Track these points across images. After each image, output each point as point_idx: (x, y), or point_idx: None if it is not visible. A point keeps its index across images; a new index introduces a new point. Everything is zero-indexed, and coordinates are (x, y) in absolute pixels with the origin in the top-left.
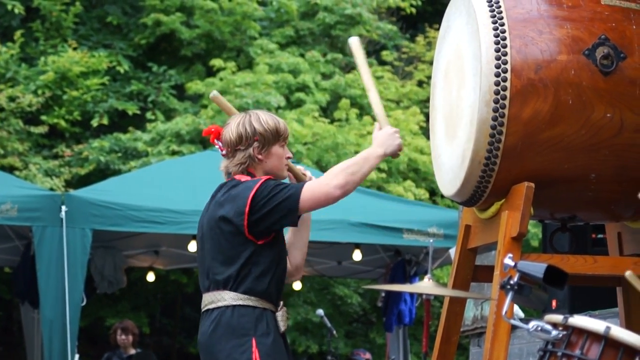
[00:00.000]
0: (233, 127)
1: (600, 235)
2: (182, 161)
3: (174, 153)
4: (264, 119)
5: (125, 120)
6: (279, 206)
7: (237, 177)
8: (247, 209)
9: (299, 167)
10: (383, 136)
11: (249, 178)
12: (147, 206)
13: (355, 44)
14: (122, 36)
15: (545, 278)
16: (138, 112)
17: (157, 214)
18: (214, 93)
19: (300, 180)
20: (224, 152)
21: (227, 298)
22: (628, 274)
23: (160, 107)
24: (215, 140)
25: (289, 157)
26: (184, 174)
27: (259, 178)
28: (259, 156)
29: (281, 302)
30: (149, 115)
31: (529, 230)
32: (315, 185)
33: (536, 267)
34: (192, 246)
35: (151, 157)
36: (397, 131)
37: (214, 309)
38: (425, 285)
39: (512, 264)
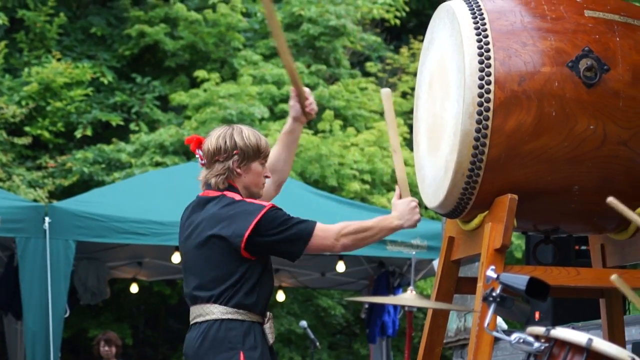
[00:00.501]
0: (213, 139)
1: (583, 247)
2: (165, 172)
3: (157, 164)
4: (246, 134)
5: (109, 131)
6: (286, 243)
7: (229, 194)
8: (247, 232)
9: (305, 89)
10: (404, 209)
11: (241, 197)
12: (130, 217)
13: (386, 96)
14: (106, 47)
15: (527, 290)
16: (122, 123)
17: (141, 225)
18: None
19: (302, 100)
20: (203, 161)
21: (215, 312)
22: (614, 277)
23: (144, 119)
24: (197, 150)
25: (267, 177)
26: (168, 185)
27: (262, 204)
28: (238, 170)
29: (269, 314)
30: (132, 126)
31: (513, 241)
32: (325, 235)
33: (519, 279)
34: (176, 257)
35: (135, 168)
36: (417, 205)
37: (202, 322)
38: (407, 297)
39: (495, 276)
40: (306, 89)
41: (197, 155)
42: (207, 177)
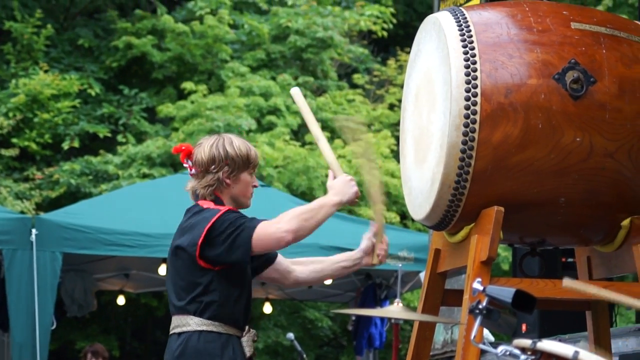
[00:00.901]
0: (206, 149)
1: (570, 260)
2: (152, 184)
3: (144, 176)
4: (236, 144)
5: (96, 143)
6: (232, 243)
7: (201, 202)
8: (200, 240)
9: (385, 237)
10: (339, 184)
11: (211, 205)
12: (117, 229)
13: (297, 94)
14: (93, 59)
15: (513, 303)
16: (109, 135)
17: (128, 237)
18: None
19: (378, 239)
20: (193, 171)
21: (191, 323)
22: (565, 280)
23: (131, 130)
24: (185, 159)
25: (254, 186)
26: (155, 197)
27: (218, 209)
28: (227, 180)
29: (247, 327)
30: (120, 138)
31: (499, 253)
32: (268, 228)
33: (505, 292)
34: (163, 270)
35: (122, 180)
36: (352, 179)
37: (180, 333)
38: (394, 310)
39: (481, 288)
40: (385, 237)
41: (185, 165)
42: (195, 188)
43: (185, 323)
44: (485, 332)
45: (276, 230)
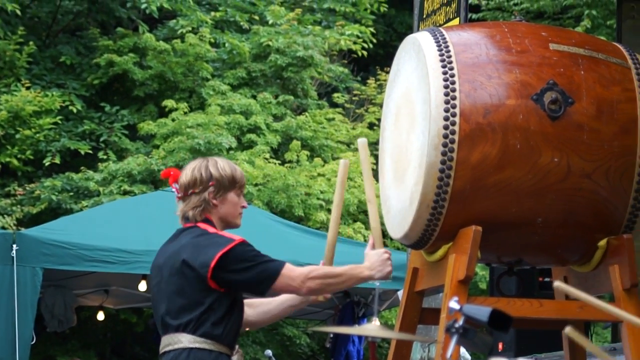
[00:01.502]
0: (189, 171)
1: (547, 279)
2: (133, 201)
3: (125, 193)
4: (220, 165)
5: (78, 159)
6: (252, 281)
7: (202, 225)
8: (213, 263)
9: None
10: (376, 260)
11: (215, 230)
12: (98, 245)
13: (362, 146)
14: (75, 76)
15: (490, 322)
16: (90, 151)
17: (108, 253)
18: None
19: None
20: (179, 194)
21: (184, 340)
22: (568, 329)
23: (112, 147)
24: (173, 184)
25: (243, 207)
26: (135, 213)
27: (232, 238)
28: (214, 201)
29: (237, 346)
30: (101, 154)
31: (477, 272)
32: (293, 276)
33: (481, 311)
34: (142, 286)
35: (103, 196)
36: (390, 256)
37: (170, 350)
38: (371, 328)
39: (458, 307)
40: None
41: (173, 190)
42: (184, 210)
43: (177, 340)
44: (462, 350)
45: (300, 280)
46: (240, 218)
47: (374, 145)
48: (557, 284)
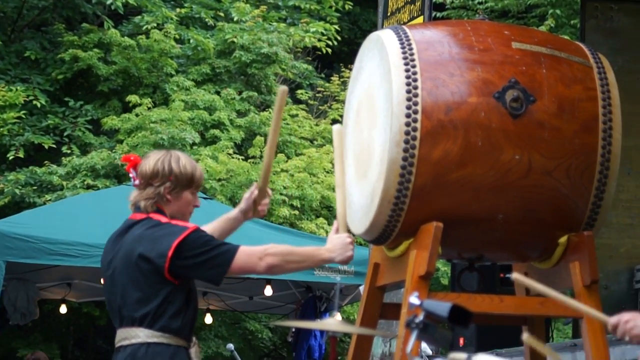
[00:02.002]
0: (151, 162)
1: (508, 275)
2: (96, 195)
3: (88, 187)
4: (182, 163)
5: (41, 153)
6: (209, 264)
7: (155, 216)
8: (170, 253)
9: (268, 191)
10: (338, 243)
11: (167, 220)
12: (61, 239)
13: (337, 132)
14: (39, 71)
15: (450, 317)
16: (54, 146)
17: (71, 247)
18: None
19: (259, 200)
20: (136, 182)
21: (141, 335)
22: (525, 337)
23: (76, 142)
24: (131, 169)
25: (195, 206)
26: (99, 208)
27: (186, 226)
28: (168, 196)
29: (194, 338)
30: (64, 149)
31: (439, 268)
32: (249, 254)
33: (441, 306)
34: None
35: (66, 190)
36: (353, 241)
37: (127, 345)
38: (332, 323)
39: (418, 302)
40: (269, 190)
41: (130, 175)
42: (137, 199)
43: (134, 335)
44: (423, 345)
45: (257, 260)
46: (190, 216)
47: None
48: (515, 275)
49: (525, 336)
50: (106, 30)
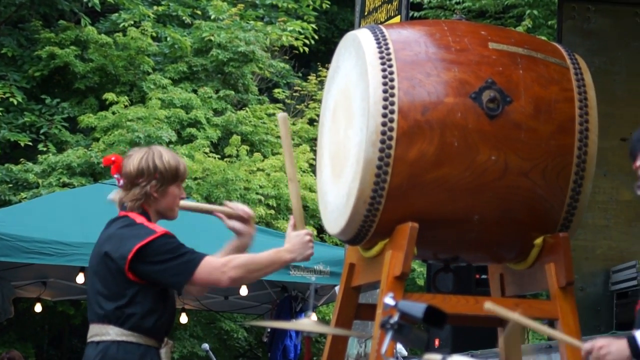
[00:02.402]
0: (135, 161)
1: (483, 276)
2: (72, 193)
3: (64, 185)
4: (166, 158)
5: (17, 151)
6: (171, 269)
7: (132, 215)
8: (130, 256)
9: (233, 205)
10: (297, 242)
11: (143, 220)
12: (36, 237)
13: (283, 120)
14: (16, 68)
15: (425, 318)
16: (30, 143)
17: (46, 245)
18: None
19: (235, 216)
20: (121, 183)
21: (111, 333)
22: (487, 305)
23: (52, 139)
24: (116, 173)
25: (182, 198)
26: (74, 206)
27: (154, 230)
28: (155, 194)
29: (166, 339)
30: (40, 147)
31: (415, 269)
32: (213, 267)
33: (416, 307)
34: (80, 278)
35: (42, 188)
36: (311, 237)
37: (99, 342)
38: (306, 323)
39: (393, 303)
40: (234, 205)
41: (115, 177)
42: (123, 200)
43: (105, 332)
44: (399, 346)
45: (220, 274)
46: (177, 210)
47: (314, 141)
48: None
49: (488, 304)
50: (83, 28)
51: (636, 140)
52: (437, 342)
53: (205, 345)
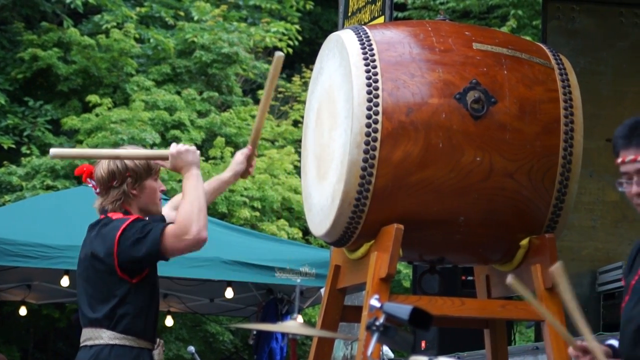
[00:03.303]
0: (105, 165)
1: (470, 278)
2: (56, 196)
3: (48, 188)
4: None
5: (0, 154)
6: (142, 239)
7: (111, 214)
8: (115, 249)
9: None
10: (183, 158)
11: (121, 216)
12: (20, 240)
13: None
14: None
15: (410, 320)
16: (13, 146)
17: (30, 248)
18: None
19: (250, 161)
20: (97, 190)
21: (104, 337)
22: (509, 279)
23: (35, 142)
24: (88, 179)
25: (162, 191)
26: (58, 209)
27: (127, 217)
28: (133, 191)
29: (158, 340)
30: (24, 149)
31: (401, 271)
32: (180, 229)
33: (402, 309)
34: (65, 281)
35: (25, 191)
36: (188, 148)
37: (91, 345)
38: (292, 325)
39: (379, 305)
40: (256, 151)
41: (89, 185)
42: (103, 205)
43: (98, 336)
44: (385, 348)
45: (195, 233)
46: (161, 203)
47: (298, 143)
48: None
49: (510, 278)
50: (66, 30)
51: (617, 136)
52: (423, 344)
53: (191, 348)
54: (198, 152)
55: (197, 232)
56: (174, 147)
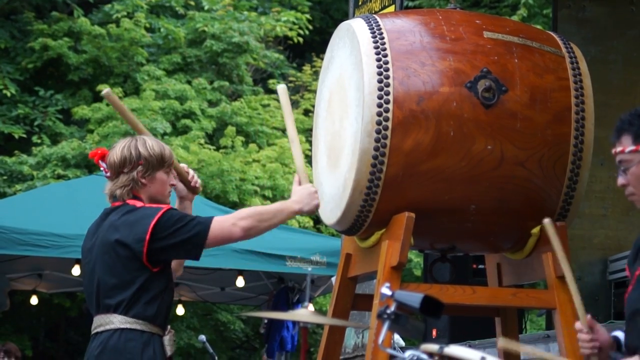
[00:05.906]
0: (118, 150)
1: (481, 266)
2: (67, 185)
3: (59, 177)
4: (149, 144)
5: (11, 143)
6: (186, 240)
7: (131, 202)
8: (147, 236)
9: (183, 165)
10: (303, 194)
11: (142, 204)
12: (31, 229)
13: (282, 92)
14: (9, 60)
15: (421, 308)
16: (24, 135)
17: (41, 237)
18: (107, 91)
19: (184, 178)
20: (107, 174)
21: (115, 321)
22: (546, 221)
23: (46, 131)
24: (100, 162)
25: (172, 185)
26: (69, 198)
27: (160, 207)
28: (143, 180)
29: (169, 327)
30: (35, 139)
31: (412, 259)
32: (223, 224)
33: (413, 297)
34: (76, 270)
35: (36, 180)
36: (316, 190)
37: (102, 331)
38: (303, 314)
39: (390, 293)
40: (183, 165)
41: (101, 168)
42: (112, 190)
43: (109, 321)
44: (396, 337)
45: (231, 227)
46: (169, 196)
47: (309, 132)
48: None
49: (547, 221)
50: (76, 19)
51: (615, 129)
52: (434, 332)
53: (202, 337)
54: (315, 203)
55: (239, 227)
56: (310, 187)
